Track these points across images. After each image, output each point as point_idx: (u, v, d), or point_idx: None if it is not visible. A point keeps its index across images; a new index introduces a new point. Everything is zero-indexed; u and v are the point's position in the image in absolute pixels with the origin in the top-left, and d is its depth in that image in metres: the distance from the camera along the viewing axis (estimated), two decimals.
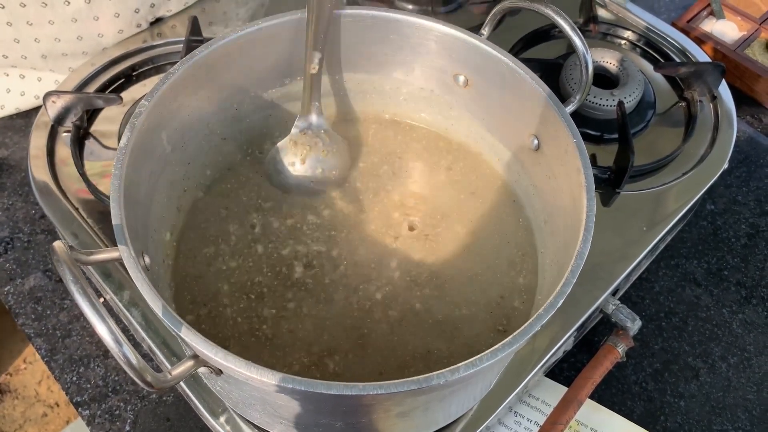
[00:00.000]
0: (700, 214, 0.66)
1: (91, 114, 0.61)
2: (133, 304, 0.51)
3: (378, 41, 0.48)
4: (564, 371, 0.56)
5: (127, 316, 0.51)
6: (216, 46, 0.43)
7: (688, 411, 0.55)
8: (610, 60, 0.63)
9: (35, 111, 0.64)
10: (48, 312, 0.58)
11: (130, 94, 0.62)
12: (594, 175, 0.39)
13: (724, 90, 0.64)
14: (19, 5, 0.58)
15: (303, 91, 0.49)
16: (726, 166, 0.59)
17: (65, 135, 0.59)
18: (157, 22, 0.66)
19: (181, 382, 0.45)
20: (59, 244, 0.31)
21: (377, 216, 0.50)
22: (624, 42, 0.69)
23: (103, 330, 0.29)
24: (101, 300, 0.42)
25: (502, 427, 0.53)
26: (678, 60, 0.67)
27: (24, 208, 0.63)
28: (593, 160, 0.58)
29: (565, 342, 0.50)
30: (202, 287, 0.46)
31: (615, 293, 0.56)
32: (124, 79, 0.64)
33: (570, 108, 0.46)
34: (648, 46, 0.68)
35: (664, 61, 0.67)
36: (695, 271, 0.63)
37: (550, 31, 0.69)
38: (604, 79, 0.63)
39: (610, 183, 0.57)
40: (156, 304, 0.33)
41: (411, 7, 0.70)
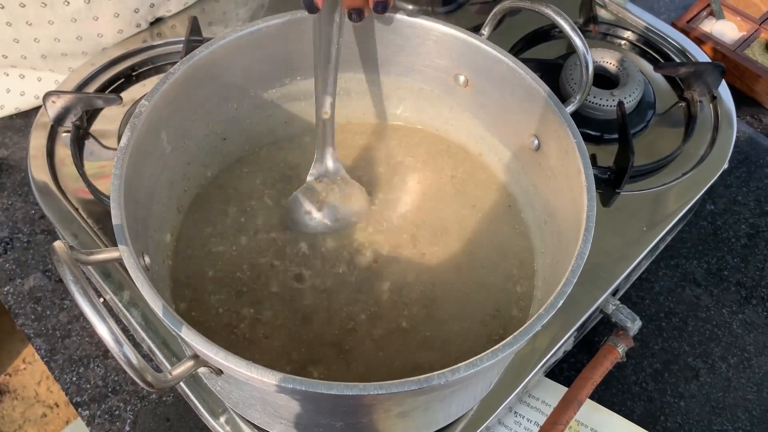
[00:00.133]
0: (700, 215, 0.66)
1: (91, 114, 0.61)
2: (133, 304, 0.51)
3: (378, 41, 0.48)
4: (564, 371, 0.56)
5: (127, 316, 0.51)
6: (216, 46, 0.43)
7: (688, 411, 0.55)
8: (610, 60, 0.63)
9: (35, 111, 0.64)
10: (48, 312, 0.58)
11: (129, 94, 0.62)
12: (594, 176, 0.39)
13: (724, 90, 0.64)
14: (19, 5, 0.58)
15: (316, 136, 0.48)
16: (726, 166, 0.59)
17: (65, 135, 0.59)
18: (156, 22, 0.66)
19: (180, 383, 0.45)
20: (59, 244, 0.31)
21: (373, 221, 0.50)
22: (624, 42, 0.69)
23: (103, 330, 0.29)
24: (101, 300, 0.42)
25: (502, 428, 0.53)
26: (678, 60, 0.67)
27: (24, 208, 0.63)
28: (593, 161, 0.58)
29: (565, 342, 0.50)
30: (201, 288, 0.46)
31: (615, 293, 0.56)
32: (123, 79, 0.63)
33: (570, 108, 0.46)
34: (648, 47, 0.68)
35: (664, 61, 0.67)
36: (695, 272, 0.63)
37: (550, 32, 0.69)
38: (604, 79, 0.63)
39: (610, 183, 0.57)
40: (156, 304, 0.33)
41: (411, 7, 0.70)
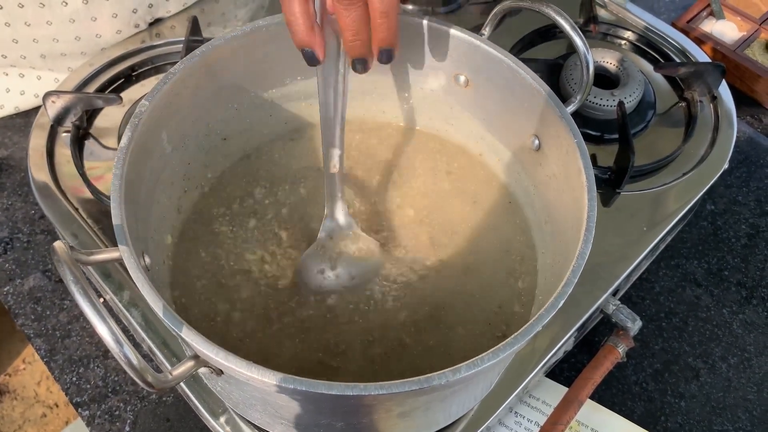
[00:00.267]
0: (701, 215, 0.66)
1: (91, 114, 0.61)
2: (133, 304, 0.51)
3: None
4: (564, 371, 0.56)
5: (127, 316, 0.51)
6: (216, 46, 0.43)
7: (689, 411, 0.55)
8: (610, 60, 0.63)
9: (35, 111, 0.64)
10: (47, 312, 0.58)
11: (129, 94, 0.62)
12: (594, 176, 0.39)
13: (724, 90, 0.64)
14: (17, 6, 0.58)
15: (325, 192, 0.45)
16: (726, 166, 0.59)
17: (65, 135, 0.59)
18: (156, 22, 0.66)
19: (181, 383, 0.45)
20: (60, 245, 0.31)
21: (374, 222, 0.50)
22: (624, 42, 0.69)
23: (103, 330, 0.29)
24: (101, 300, 0.42)
25: (503, 428, 0.53)
26: (678, 60, 0.67)
27: (23, 208, 0.63)
28: (593, 161, 0.58)
29: (565, 342, 0.50)
30: (201, 289, 0.46)
31: (615, 293, 0.56)
32: (123, 80, 0.63)
33: (571, 108, 0.46)
34: (648, 47, 0.68)
35: (664, 61, 0.67)
36: (695, 272, 0.63)
37: (551, 31, 0.69)
38: (605, 79, 0.63)
39: (610, 183, 0.57)
40: (157, 305, 0.33)
41: (411, 7, 0.70)
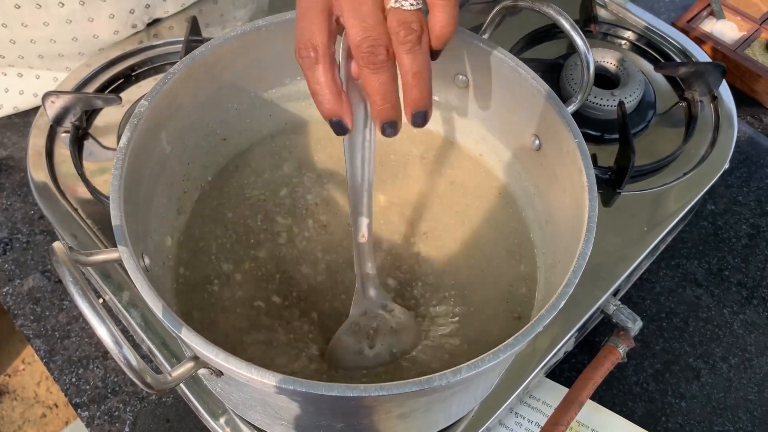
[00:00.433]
0: (701, 215, 0.66)
1: (90, 114, 0.61)
2: (133, 305, 0.51)
3: None
4: (565, 372, 0.56)
5: (127, 317, 0.50)
6: (215, 46, 0.43)
7: (689, 412, 0.55)
8: (610, 60, 0.63)
9: (34, 111, 0.64)
10: (47, 313, 0.57)
11: (129, 95, 0.62)
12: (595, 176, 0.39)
13: (725, 90, 0.64)
14: (14, 6, 0.58)
15: (355, 263, 0.42)
16: (726, 166, 0.59)
17: (64, 135, 0.59)
18: (154, 23, 0.66)
19: (180, 384, 0.44)
20: (59, 245, 0.31)
21: (375, 222, 0.50)
22: (624, 42, 0.69)
23: (102, 331, 0.29)
24: (101, 301, 0.41)
25: (503, 428, 0.53)
26: (678, 60, 0.67)
27: (23, 208, 0.63)
28: (594, 161, 0.58)
29: (566, 343, 0.50)
30: (201, 290, 0.46)
31: (616, 294, 0.56)
32: (123, 80, 0.63)
33: (571, 108, 0.46)
34: (648, 46, 0.68)
35: (664, 61, 0.67)
36: (696, 272, 0.62)
37: (551, 31, 0.69)
38: (605, 79, 0.63)
39: (610, 183, 0.57)
40: (156, 305, 0.33)
41: None
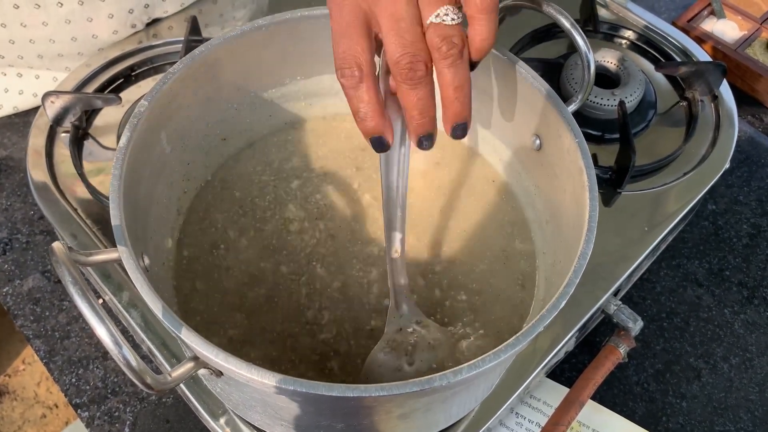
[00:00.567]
0: (702, 214, 0.66)
1: (90, 114, 0.61)
2: (133, 305, 0.51)
3: None
4: (565, 372, 0.56)
5: (127, 317, 0.50)
6: (215, 46, 0.43)
7: (690, 412, 0.55)
8: (610, 59, 0.63)
9: (34, 111, 0.64)
10: (47, 313, 0.57)
11: (129, 95, 0.62)
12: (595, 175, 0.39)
13: (725, 90, 0.64)
14: (13, 6, 0.58)
15: (389, 280, 0.43)
16: (727, 165, 0.59)
17: (64, 135, 0.59)
18: (153, 23, 0.66)
19: (180, 384, 0.44)
20: (58, 245, 0.31)
21: (373, 225, 0.50)
22: (624, 41, 0.69)
23: (102, 332, 0.29)
24: (100, 301, 0.41)
25: (504, 429, 0.53)
26: (679, 60, 0.66)
27: (22, 208, 0.62)
28: (594, 160, 0.58)
29: (566, 343, 0.50)
30: (201, 290, 0.46)
31: (616, 294, 0.56)
32: (122, 80, 0.63)
33: (572, 107, 0.46)
34: (649, 46, 0.68)
35: (665, 60, 0.67)
36: (697, 272, 0.62)
37: (551, 31, 0.68)
38: (605, 78, 0.63)
39: (611, 183, 0.57)
40: (156, 306, 0.33)
41: None
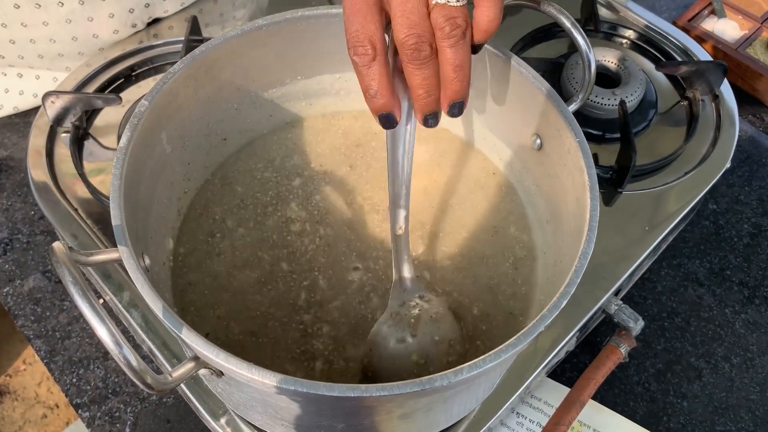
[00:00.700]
0: (703, 214, 0.66)
1: (90, 114, 0.61)
2: (133, 305, 0.50)
3: None
4: (566, 372, 0.56)
5: (127, 317, 0.50)
6: (216, 46, 0.43)
7: (691, 411, 0.55)
8: (611, 59, 0.63)
9: (34, 111, 0.64)
10: (47, 313, 0.57)
11: (129, 95, 0.62)
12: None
13: (726, 89, 0.64)
14: (13, 6, 0.58)
15: (393, 255, 0.44)
16: (728, 165, 0.59)
17: (64, 135, 0.59)
18: (154, 23, 0.66)
19: (181, 384, 0.44)
20: (58, 245, 0.31)
21: (372, 226, 0.50)
22: (625, 41, 0.69)
23: (102, 332, 0.29)
24: (101, 301, 0.41)
25: (505, 429, 0.53)
26: (679, 59, 0.66)
27: (23, 208, 0.62)
28: (595, 160, 0.58)
29: (567, 342, 0.50)
30: (201, 291, 0.46)
31: (617, 293, 0.56)
32: (123, 80, 0.63)
33: (572, 107, 0.46)
34: (649, 45, 0.68)
35: (665, 60, 0.67)
36: (698, 271, 0.62)
37: (552, 30, 0.68)
38: (606, 78, 0.63)
39: (612, 182, 0.57)
40: (156, 306, 0.33)
41: None
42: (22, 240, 0.61)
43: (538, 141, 0.45)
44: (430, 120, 0.38)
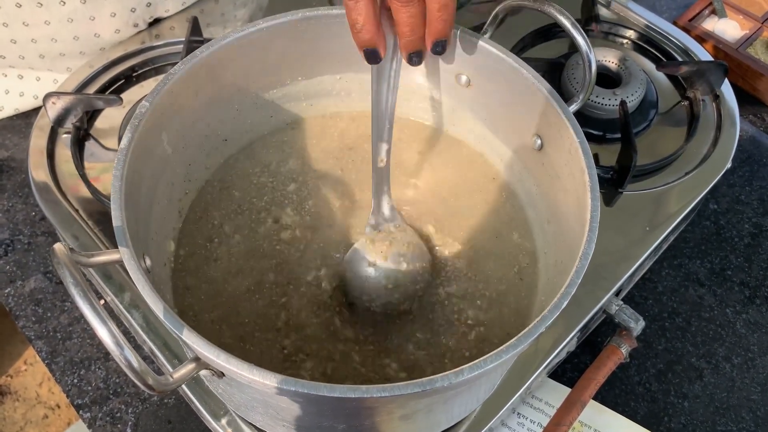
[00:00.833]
0: (703, 214, 0.66)
1: (91, 115, 0.61)
2: (134, 306, 0.51)
3: None
4: (567, 372, 0.56)
5: (128, 318, 0.50)
6: (217, 47, 0.43)
7: (692, 412, 0.55)
8: (611, 59, 0.63)
9: (35, 112, 0.64)
10: (48, 314, 0.57)
11: (130, 95, 0.62)
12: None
13: (727, 89, 0.64)
14: (15, 5, 0.58)
15: (373, 186, 0.46)
16: (729, 165, 0.59)
17: (65, 136, 0.59)
18: (155, 23, 0.66)
19: (182, 385, 0.44)
20: (59, 246, 0.31)
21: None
22: (626, 41, 0.69)
23: (103, 333, 0.29)
24: (102, 302, 0.41)
25: (506, 429, 0.53)
26: (680, 59, 0.66)
27: (24, 209, 0.63)
28: (596, 160, 0.58)
29: (568, 343, 0.50)
30: (198, 295, 0.46)
31: (618, 294, 0.56)
32: (124, 80, 0.63)
33: (573, 107, 0.45)
34: (650, 45, 0.68)
35: (666, 60, 0.67)
36: (698, 271, 0.62)
37: (552, 31, 0.68)
38: (606, 78, 0.63)
39: (612, 183, 0.57)
40: (157, 306, 0.33)
41: None
42: (23, 241, 0.61)
43: (539, 141, 0.45)
44: (414, 58, 0.41)
